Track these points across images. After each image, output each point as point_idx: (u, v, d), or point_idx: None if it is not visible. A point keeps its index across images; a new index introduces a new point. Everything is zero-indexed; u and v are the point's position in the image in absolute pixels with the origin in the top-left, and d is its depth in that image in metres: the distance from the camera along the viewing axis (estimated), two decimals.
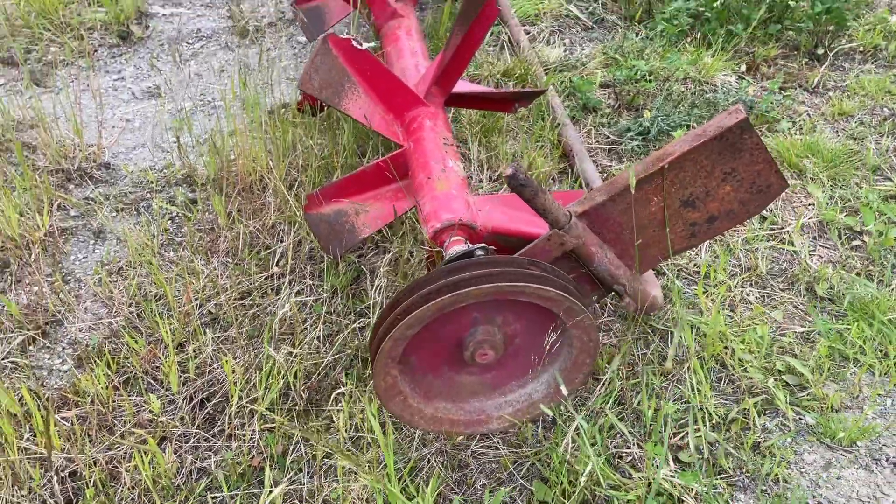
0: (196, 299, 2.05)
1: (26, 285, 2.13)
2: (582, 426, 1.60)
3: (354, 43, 1.90)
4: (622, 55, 2.95)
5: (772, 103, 2.72)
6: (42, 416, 1.66)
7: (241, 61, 3.08)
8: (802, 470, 1.69)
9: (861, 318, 1.98)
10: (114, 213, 2.40)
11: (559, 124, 2.58)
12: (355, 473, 1.63)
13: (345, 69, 1.91)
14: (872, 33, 3.12)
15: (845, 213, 2.33)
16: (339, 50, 1.90)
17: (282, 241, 2.20)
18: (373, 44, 2.09)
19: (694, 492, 1.59)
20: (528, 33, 3.16)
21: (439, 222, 1.71)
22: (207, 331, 1.96)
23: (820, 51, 3.05)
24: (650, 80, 2.81)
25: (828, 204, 2.36)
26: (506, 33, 3.11)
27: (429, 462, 1.70)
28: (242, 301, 2.07)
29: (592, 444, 1.63)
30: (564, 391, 1.54)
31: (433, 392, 1.59)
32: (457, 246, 1.67)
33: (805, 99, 2.85)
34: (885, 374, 1.86)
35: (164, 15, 3.40)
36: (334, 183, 1.99)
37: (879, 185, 2.42)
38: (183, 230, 2.33)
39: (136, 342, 1.91)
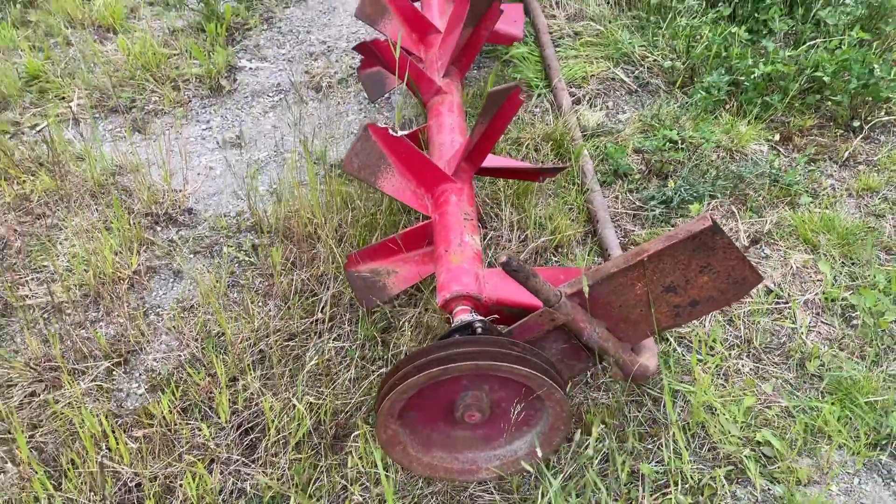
0: (249, 339, 2.39)
1: (114, 317, 2.53)
2: (554, 486, 1.83)
3: (391, 131, 2.20)
4: (658, 122, 3.14)
5: (797, 176, 2.85)
6: (115, 438, 2.03)
7: (312, 115, 3.45)
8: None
9: (841, 398, 2.12)
10: (191, 255, 2.78)
11: (588, 189, 2.81)
12: None
13: (382, 153, 2.22)
14: None
15: (850, 292, 2.45)
16: (378, 136, 2.21)
17: (327, 290, 2.52)
18: (406, 131, 2.38)
19: None
20: (574, 95, 3.39)
21: (449, 293, 1.98)
22: (256, 368, 2.30)
23: (856, 123, 3.15)
24: (681, 149, 2.99)
25: (835, 281, 2.49)
26: (550, 97, 3.35)
27: (430, 501, 1.98)
28: (289, 342, 2.40)
29: (571, 496, 1.86)
30: (539, 453, 1.78)
31: (431, 443, 1.87)
32: (462, 315, 1.94)
33: (833, 172, 2.96)
34: (856, 453, 2.01)
35: (250, 69, 3.82)
36: (370, 246, 2.29)
37: (888, 266, 2.53)
38: (246, 273, 2.69)
39: (198, 374, 2.27)
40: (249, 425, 2.17)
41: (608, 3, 3.94)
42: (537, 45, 3.66)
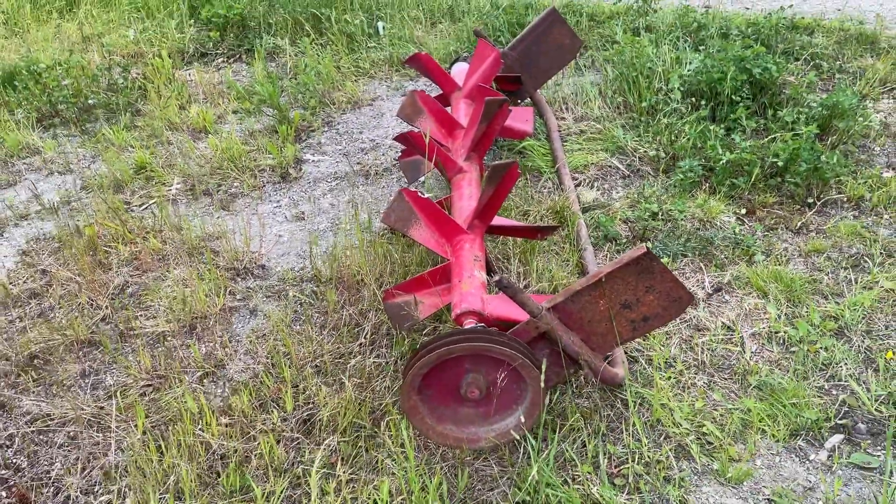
0: (309, 357, 3.07)
1: (206, 341, 3.24)
2: (538, 447, 2.42)
3: (419, 193, 2.94)
4: (643, 198, 3.83)
5: (755, 240, 3.48)
6: (209, 416, 2.70)
7: (362, 196, 4.24)
8: (698, 497, 2.40)
9: (772, 402, 2.67)
10: (264, 298, 3.51)
11: (581, 248, 3.48)
12: (393, 473, 2.53)
13: (412, 209, 2.95)
14: (861, 186, 3.82)
15: (790, 327, 3.03)
16: (409, 197, 2.95)
17: (369, 322, 3.20)
18: (432, 193, 3.12)
19: (618, 503, 2.35)
20: (576, 179, 4.13)
21: (460, 309, 2.65)
22: (315, 377, 2.96)
23: (810, 200, 3.79)
24: (660, 219, 3.66)
25: (778, 318, 3.07)
26: (555, 179, 4.09)
27: (443, 471, 2.57)
28: (339, 359, 3.06)
29: (554, 467, 2.44)
30: (524, 422, 2.39)
31: (443, 417, 2.49)
32: (468, 325, 2.60)
33: (788, 237, 3.59)
34: (779, 440, 2.55)
35: (312, 161, 4.67)
36: (403, 283, 2.99)
37: (823, 307, 3.11)
38: (307, 311, 3.40)
39: (269, 379, 2.94)
40: (307, 416, 2.81)
41: (608, 106, 4.74)
42: (548, 140, 4.44)
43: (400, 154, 4.09)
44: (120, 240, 3.88)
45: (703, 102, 4.45)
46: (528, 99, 4.70)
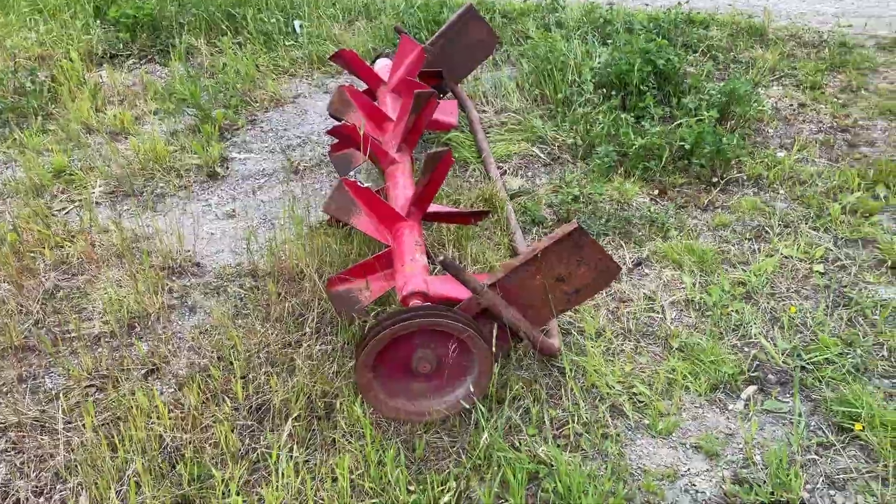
0: (255, 348, 3.12)
1: (147, 340, 3.25)
2: (486, 415, 2.58)
3: (359, 183, 3.05)
4: (565, 184, 4.06)
5: (668, 218, 3.76)
6: (160, 408, 2.73)
7: (292, 192, 4.30)
8: (633, 449, 2.62)
9: (693, 361, 2.93)
10: (202, 295, 3.53)
11: (512, 232, 3.67)
12: (348, 451, 2.64)
13: (353, 199, 3.06)
14: (759, 166, 4.17)
15: (704, 293, 3.31)
16: (349, 187, 3.05)
17: (312, 311, 3.28)
18: (370, 184, 3.23)
19: (562, 460, 2.53)
20: (501, 168, 4.32)
21: (406, 291, 2.77)
22: (262, 367, 3.02)
23: (715, 179, 4.11)
24: (581, 202, 3.89)
25: (693, 287, 3.35)
26: (482, 169, 4.27)
27: (397, 444, 2.69)
28: (285, 349, 3.13)
29: (502, 433, 2.61)
30: (474, 391, 2.55)
31: (395, 392, 2.61)
32: (415, 304, 2.73)
33: (697, 214, 3.89)
34: (701, 394, 2.80)
35: (239, 159, 4.69)
36: (346, 270, 3.08)
37: (731, 274, 3.41)
38: (247, 305, 3.44)
39: (217, 371, 2.98)
40: (259, 404, 2.88)
41: (526, 99, 4.96)
42: (471, 132, 4.62)
43: (330, 148, 4.17)
44: (46, 244, 3.80)
45: (613, 93, 4.73)
46: (450, 93, 4.86)
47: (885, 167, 4.08)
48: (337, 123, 3.85)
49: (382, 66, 4.69)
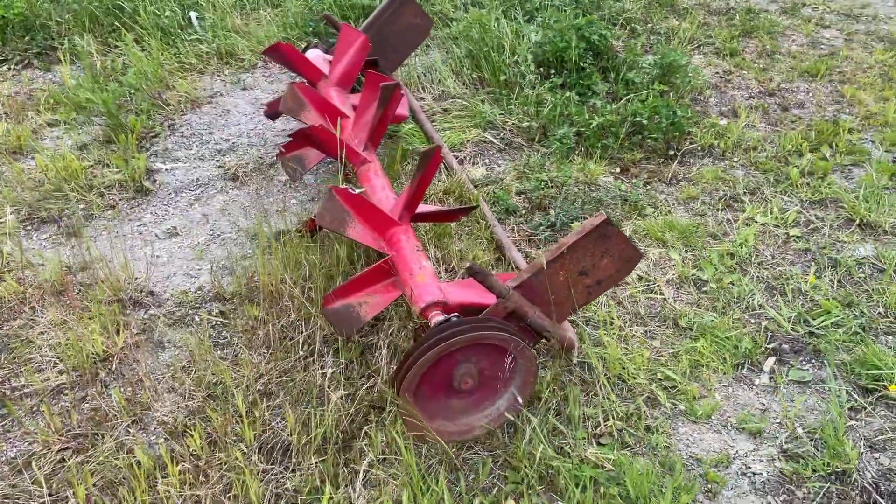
0: (249, 381, 2.83)
1: (117, 386, 2.86)
2: (535, 425, 2.45)
3: (350, 190, 2.80)
4: (529, 169, 3.96)
5: (639, 195, 3.74)
6: (166, 466, 2.40)
7: (235, 201, 3.95)
8: (678, 439, 2.58)
9: (708, 339, 2.92)
10: (167, 328, 3.16)
11: (490, 225, 3.52)
12: (389, 481, 2.43)
13: (345, 208, 2.81)
14: (707, 135, 4.23)
15: (695, 269, 3.31)
16: (340, 196, 2.80)
17: (300, 332, 3.01)
18: (361, 189, 2.99)
19: (611, 459, 2.44)
20: (457, 157, 4.15)
21: (424, 302, 2.57)
22: (263, 401, 2.73)
23: (671, 152, 4.14)
24: (551, 187, 3.80)
25: (683, 263, 3.35)
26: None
27: (434, 468, 2.51)
28: (281, 378, 2.86)
29: (545, 435, 2.48)
30: (521, 401, 2.40)
31: (435, 413, 2.43)
32: (437, 317, 2.54)
33: (663, 189, 3.90)
34: (725, 372, 2.80)
35: (166, 170, 4.25)
36: (341, 285, 2.84)
37: (717, 247, 3.44)
38: (223, 334, 3.12)
39: (215, 413, 2.67)
40: (270, 444, 2.60)
41: (464, 83, 4.80)
42: (416, 122, 4.41)
43: (280, 150, 3.85)
44: None
45: (552, 72, 4.66)
46: None
47: (823, 128, 4.26)
48: (276, 121, 3.55)
49: (315, 58, 4.38)
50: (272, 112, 4.30)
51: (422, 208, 3.21)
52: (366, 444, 2.57)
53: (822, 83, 4.93)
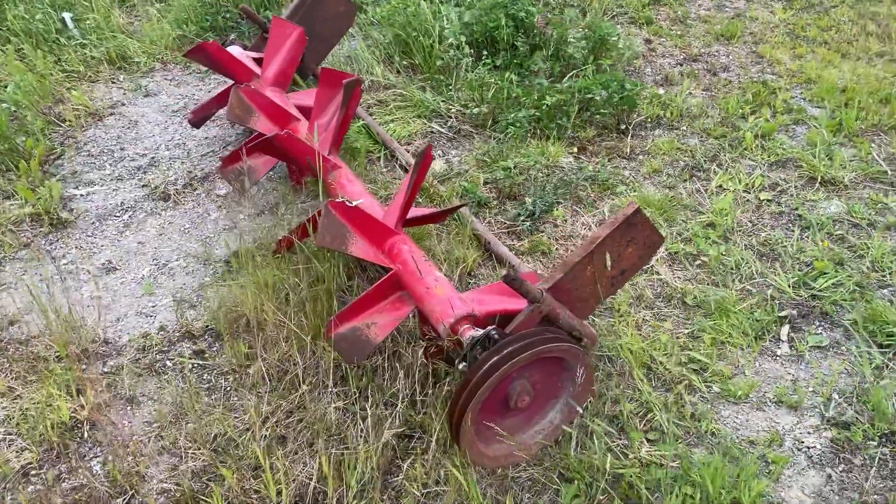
0: (254, 427, 2.51)
1: (97, 457, 2.46)
2: (595, 428, 2.31)
3: (346, 203, 2.53)
4: (489, 158, 3.78)
5: (608, 174, 3.67)
6: None
7: (173, 223, 3.53)
8: (724, 422, 2.52)
9: (720, 314, 2.89)
10: (135, 380, 2.76)
11: (468, 221, 3.33)
12: None
13: (343, 223, 2.53)
14: (652, 106, 4.22)
15: (683, 243, 3.28)
16: (336, 210, 2.51)
17: (296, 365, 2.70)
18: (360, 200, 2.70)
19: (672, 455, 2.35)
20: (409, 151, 3.91)
21: (453, 317, 2.36)
22: (278, 448, 2.43)
23: (622, 126, 4.09)
24: (519, 174, 3.65)
25: (669, 238, 3.30)
26: (397, 158, 3.83)
27: (486, 493, 2.32)
28: (289, 420, 2.55)
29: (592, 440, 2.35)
30: (580, 410, 2.26)
31: (490, 437, 2.23)
32: (471, 332, 2.33)
33: (625, 165, 3.85)
34: (748, 346, 2.78)
35: (81, 195, 3.74)
36: (345, 309, 2.57)
37: (698, 219, 3.42)
38: (204, 377, 2.76)
39: (228, 471, 2.34)
40: (297, 496, 2.31)
41: (396, 72, 4.55)
42: (356, 117, 4.12)
43: (221, 163, 3.46)
44: None
45: (484, 53, 4.49)
46: (311, 76, 4.30)
47: (756, 89, 4.36)
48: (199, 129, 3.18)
49: (239, 57, 3.98)
50: (197, 120, 3.89)
51: (413, 212, 2.97)
52: (405, 480, 2.34)
53: (738, 45, 5.06)
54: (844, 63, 4.69)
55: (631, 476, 2.26)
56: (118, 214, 3.64)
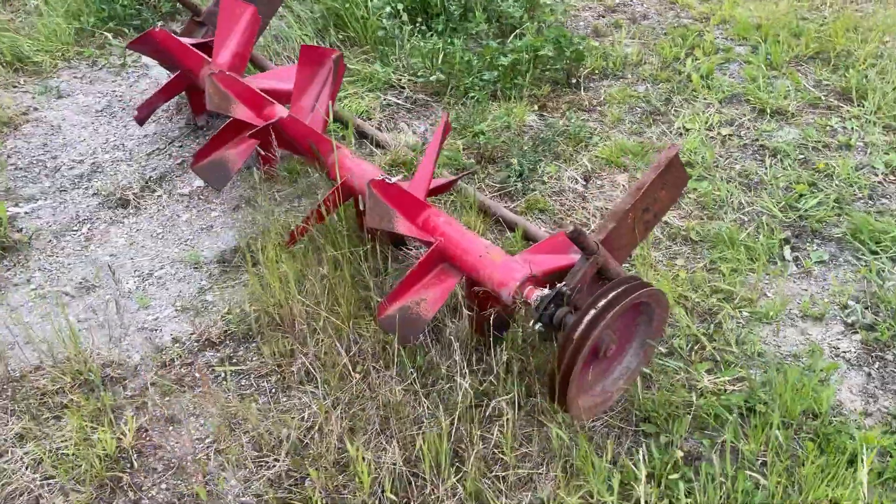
0: (310, 426, 2.39)
1: (159, 484, 2.27)
2: (663, 365, 2.40)
3: (386, 180, 2.44)
4: (459, 124, 3.75)
5: (580, 127, 3.74)
6: None
7: (141, 229, 3.26)
8: (764, 342, 2.69)
9: (727, 244, 3.05)
10: (165, 399, 2.55)
11: (460, 188, 3.30)
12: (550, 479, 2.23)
13: (385, 202, 2.44)
14: (594, 58, 4.33)
15: None
16: (377, 189, 2.42)
17: (339, 354, 2.59)
18: (399, 177, 2.60)
19: (732, 379, 2.48)
20: (372, 126, 3.81)
21: (516, 280, 2.35)
22: (355, 438, 2.34)
23: (573, 80, 4.18)
24: (496, 137, 3.65)
25: None
26: (368, 136, 3.72)
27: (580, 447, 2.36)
28: (352, 410, 2.46)
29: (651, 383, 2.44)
30: (657, 346, 2.34)
31: (584, 390, 2.26)
32: (538, 292, 2.34)
33: (588, 117, 3.94)
34: (763, 270, 2.96)
35: (25, 214, 3.36)
36: (393, 290, 2.49)
37: None
38: (242, 382, 2.60)
39: (315, 471, 2.23)
40: (390, 485, 2.25)
41: (331, 46, 4.39)
42: None
43: (193, 158, 3.21)
44: None
45: (419, 20, 4.43)
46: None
47: (680, 33, 4.58)
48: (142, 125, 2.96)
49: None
50: (143, 117, 3.59)
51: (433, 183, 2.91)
52: (497, 450, 2.33)
53: None
54: (749, 2, 5.01)
55: (707, 406, 2.37)
56: (76, 228, 3.31)
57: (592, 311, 2.09)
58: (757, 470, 2.21)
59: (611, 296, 2.12)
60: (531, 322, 2.32)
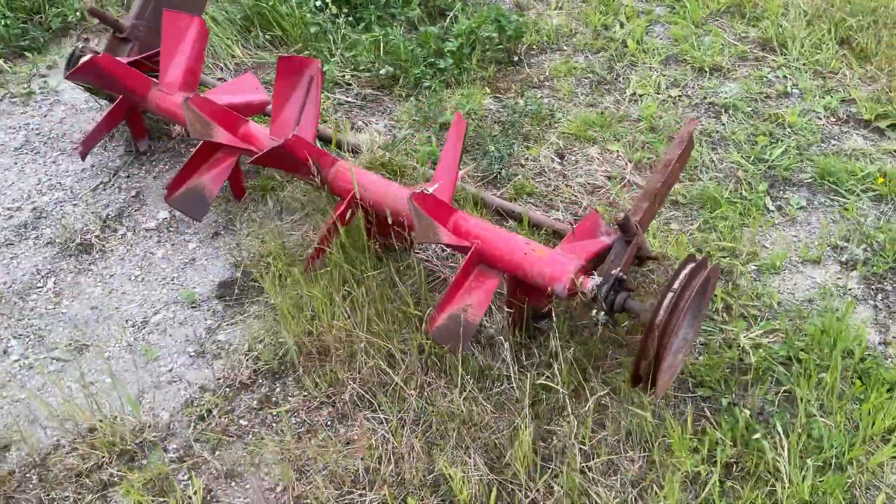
0: (379, 456, 2.33)
1: None
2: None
3: (424, 190, 2.36)
4: (422, 117, 3.68)
5: (536, 105, 3.77)
6: None
7: (115, 276, 2.99)
8: (781, 292, 2.86)
9: (715, 202, 3.20)
10: (216, 454, 2.38)
11: (466, 183, 3.25)
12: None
13: (427, 216, 2.37)
14: (529, 34, 4.35)
15: (642, 152, 3.52)
16: (418, 202, 2.34)
17: (385, 374, 2.52)
18: (436, 185, 2.50)
19: (760, 333, 2.63)
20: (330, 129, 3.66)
21: (569, 273, 2.36)
22: (429, 449, 2.29)
23: (515, 59, 4.20)
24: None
25: (626, 150, 3.53)
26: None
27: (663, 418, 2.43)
28: (419, 428, 2.40)
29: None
30: (707, 313, 2.44)
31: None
32: (591, 281, 2.36)
33: (540, 94, 3.97)
34: (751, 221, 3.13)
35: None
36: (440, 302, 2.44)
37: (639, 125, 3.68)
38: (292, 421, 2.47)
39: (413, 499, 2.17)
40: (485, 497, 2.23)
41: (258, 47, 4.16)
42: None
43: (167, 191, 2.97)
44: None
45: (344, 10, 4.27)
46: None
47: (604, 0, 4.69)
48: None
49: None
50: (87, 151, 3.28)
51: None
52: (576, 440, 2.36)
53: None
54: None
55: (757, 361, 2.51)
56: (40, 284, 2.98)
57: (670, 295, 2.14)
58: (820, 414, 2.37)
59: (682, 277, 2.18)
60: (593, 311, 2.35)
